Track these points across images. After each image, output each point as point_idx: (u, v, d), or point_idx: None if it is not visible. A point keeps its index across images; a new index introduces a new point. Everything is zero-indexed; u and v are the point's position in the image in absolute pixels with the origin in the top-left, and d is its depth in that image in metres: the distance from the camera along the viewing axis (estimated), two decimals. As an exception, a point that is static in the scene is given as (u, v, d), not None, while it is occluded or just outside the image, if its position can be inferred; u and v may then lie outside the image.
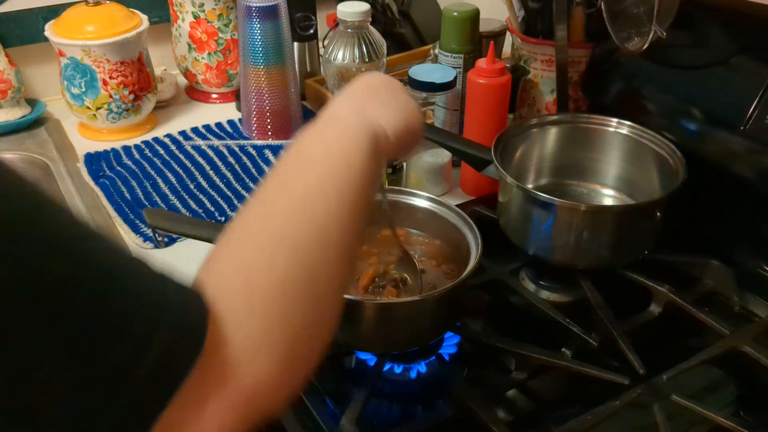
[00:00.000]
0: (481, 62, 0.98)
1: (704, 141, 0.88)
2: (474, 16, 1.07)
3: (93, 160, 1.16)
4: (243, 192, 1.07)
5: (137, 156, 1.17)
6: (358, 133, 0.54)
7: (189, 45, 1.29)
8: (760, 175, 0.82)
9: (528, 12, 1.07)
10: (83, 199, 1.07)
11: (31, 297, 0.32)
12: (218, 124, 1.27)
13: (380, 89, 0.62)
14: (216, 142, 1.21)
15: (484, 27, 1.11)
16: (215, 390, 0.39)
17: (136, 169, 1.13)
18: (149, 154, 1.17)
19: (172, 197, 1.06)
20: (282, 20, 1.14)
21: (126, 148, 1.19)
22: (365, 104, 0.59)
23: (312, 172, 0.49)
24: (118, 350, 0.35)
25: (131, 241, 0.96)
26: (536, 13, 1.05)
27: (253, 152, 1.18)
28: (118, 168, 1.13)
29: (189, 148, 1.19)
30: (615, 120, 0.94)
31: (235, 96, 1.33)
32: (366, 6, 0.85)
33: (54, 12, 1.24)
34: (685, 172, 0.83)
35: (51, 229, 0.35)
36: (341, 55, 0.86)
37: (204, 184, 1.10)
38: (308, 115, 1.28)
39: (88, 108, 1.18)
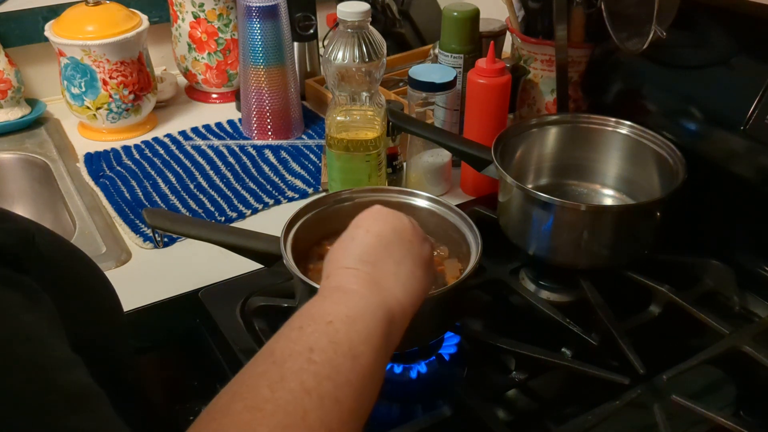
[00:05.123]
0: (481, 62, 0.98)
1: (704, 141, 0.88)
2: (474, 16, 1.07)
3: (93, 160, 1.16)
4: (243, 192, 1.07)
5: (137, 156, 1.17)
6: (370, 317, 0.50)
7: (189, 45, 1.29)
8: (760, 175, 0.82)
9: (528, 12, 1.07)
10: (83, 199, 1.07)
11: None
12: (218, 124, 1.27)
13: (393, 242, 0.57)
14: (216, 142, 1.21)
15: (484, 27, 1.11)
16: None
17: (136, 169, 1.13)
18: (149, 154, 1.17)
19: (172, 197, 1.06)
20: (282, 20, 1.14)
21: (126, 148, 1.19)
22: (378, 269, 0.54)
23: (311, 368, 0.45)
24: None
25: (131, 241, 0.96)
26: (536, 13, 1.05)
27: (253, 152, 1.18)
28: (118, 168, 1.13)
29: (189, 148, 1.19)
30: (615, 120, 0.94)
31: (235, 96, 1.33)
32: (366, 6, 0.85)
33: (54, 12, 1.24)
34: (685, 172, 0.83)
35: None
36: (341, 55, 0.86)
37: (204, 184, 1.10)
38: (308, 115, 1.28)
39: (88, 108, 1.18)
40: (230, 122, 1.27)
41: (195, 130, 1.25)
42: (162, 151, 1.18)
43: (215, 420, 0.42)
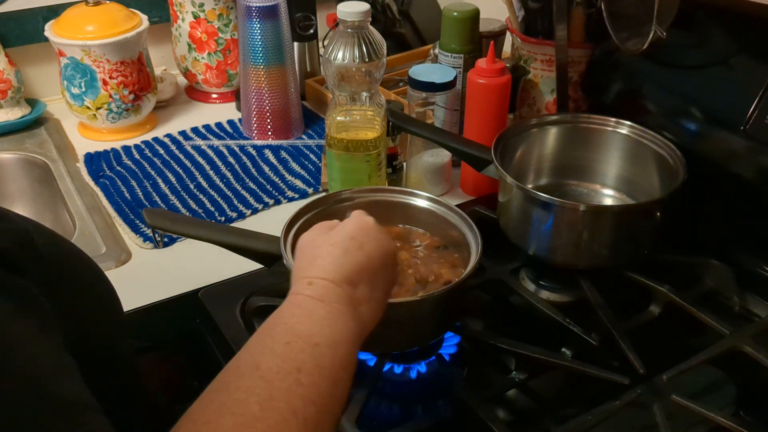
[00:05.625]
0: (481, 62, 0.98)
1: (704, 141, 0.88)
2: (474, 16, 1.07)
3: (93, 160, 1.16)
4: (243, 192, 1.07)
5: (137, 156, 1.17)
6: (350, 342, 0.52)
7: (189, 45, 1.29)
8: (760, 175, 0.82)
9: (528, 12, 1.07)
10: (83, 199, 1.07)
11: None
12: (218, 124, 1.27)
13: (377, 267, 0.58)
14: (216, 142, 1.21)
15: (484, 27, 1.11)
16: None
17: (136, 169, 1.13)
18: (149, 154, 1.17)
19: (172, 197, 1.06)
20: (282, 20, 1.14)
21: (126, 148, 1.19)
22: (358, 292, 0.55)
23: (298, 390, 0.46)
24: None
25: (131, 241, 0.96)
26: (536, 13, 1.05)
27: (253, 152, 1.18)
28: (118, 168, 1.13)
29: (189, 148, 1.19)
30: (615, 120, 0.94)
31: (235, 96, 1.33)
32: (366, 6, 0.85)
33: (54, 12, 1.24)
34: (685, 172, 0.83)
35: None
36: (341, 55, 0.86)
37: (204, 184, 1.10)
38: (308, 115, 1.28)
39: (88, 108, 1.18)
40: (230, 122, 1.27)
41: (195, 130, 1.25)
42: (162, 151, 1.18)
43: None
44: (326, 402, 0.47)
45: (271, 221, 1.01)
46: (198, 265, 0.91)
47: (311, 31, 1.30)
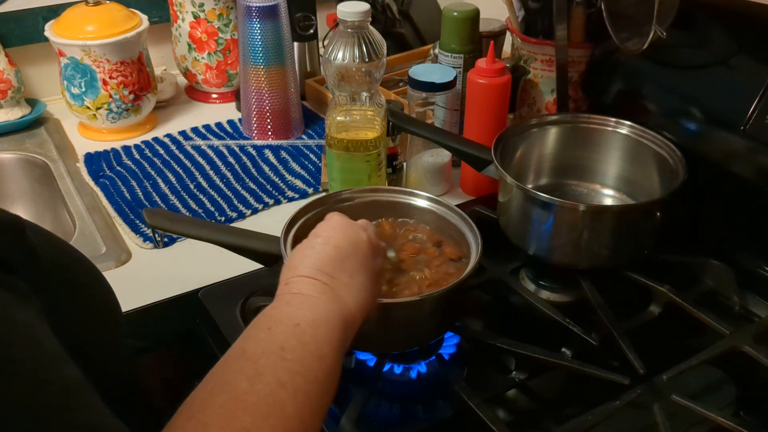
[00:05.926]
0: (481, 62, 0.98)
1: (704, 141, 0.88)
2: (474, 16, 1.07)
3: (93, 160, 1.16)
4: (243, 192, 1.07)
5: (137, 156, 1.17)
6: (331, 321, 0.55)
7: (189, 45, 1.29)
8: (760, 175, 0.82)
9: (528, 12, 1.07)
10: (83, 199, 1.07)
11: None
12: (218, 124, 1.27)
13: (350, 256, 0.61)
14: (216, 142, 1.21)
15: (484, 27, 1.11)
16: None
17: (136, 169, 1.13)
18: (149, 154, 1.17)
19: (172, 197, 1.06)
20: (282, 20, 1.14)
21: (126, 148, 1.19)
22: (335, 280, 0.58)
23: (283, 365, 0.49)
24: None
25: (131, 241, 0.96)
26: (536, 13, 1.05)
27: (253, 152, 1.18)
28: (118, 168, 1.13)
29: (189, 148, 1.19)
30: (615, 120, 0.94)
31: (235, 96, 1.33)
32: (366, 6, 0.85)
33: (54, 12, 1.24)
34: (685, 172, 0.83)
35: None
36: (341, 55, 0.86)
37: (204, 184, 1.10)
38: (308, 115, 1.28)
39: (88, 108, 1.18)
40: (230, 122, 1.27)
41: (195, 130, 1.25)
42: (162, 151, 1.18)
43: (199, 412, 0.44)
44: (314, 375, 0.50)
45: (271, 221, 1.01)
46: (198, 265, 0.91)
47: (311, 31, 1.30)
